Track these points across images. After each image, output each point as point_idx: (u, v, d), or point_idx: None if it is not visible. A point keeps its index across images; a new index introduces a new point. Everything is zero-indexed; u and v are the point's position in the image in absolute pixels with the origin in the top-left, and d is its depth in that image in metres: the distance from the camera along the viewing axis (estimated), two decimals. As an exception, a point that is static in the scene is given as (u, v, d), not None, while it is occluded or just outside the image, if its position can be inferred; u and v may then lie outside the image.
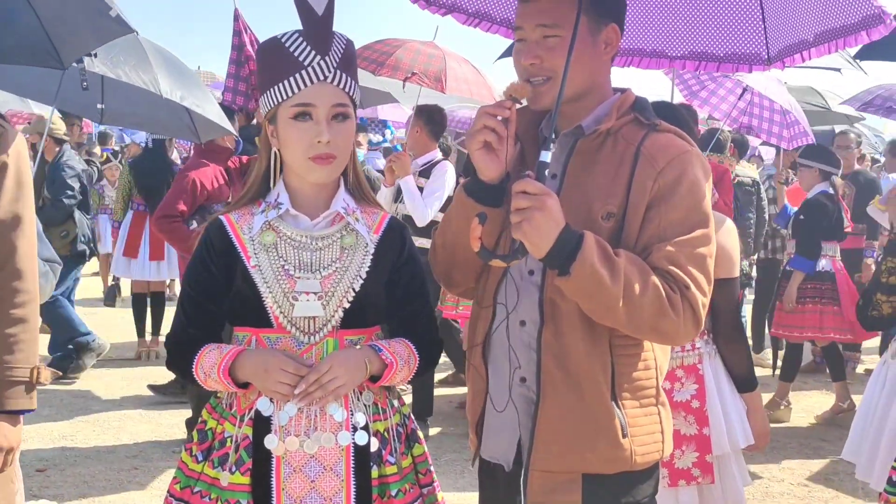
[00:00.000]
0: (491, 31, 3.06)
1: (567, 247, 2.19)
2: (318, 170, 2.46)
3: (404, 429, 2.64)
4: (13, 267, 2.70)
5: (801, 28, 2.79)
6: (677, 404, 3.76)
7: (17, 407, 2.71)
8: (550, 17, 2.40)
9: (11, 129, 2.76)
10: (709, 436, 3.77)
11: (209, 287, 2.56)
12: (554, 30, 2.40)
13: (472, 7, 3.00)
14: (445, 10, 2.98)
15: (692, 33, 2.99)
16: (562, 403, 2.39)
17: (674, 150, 2.38)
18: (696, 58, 3.02)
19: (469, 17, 3.01)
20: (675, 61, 3.08)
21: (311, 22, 2.43)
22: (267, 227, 2.54)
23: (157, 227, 6.29)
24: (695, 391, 3.79)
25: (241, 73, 6.41)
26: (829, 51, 2.75)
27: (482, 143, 2.32)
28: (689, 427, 3.75)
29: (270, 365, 2.39)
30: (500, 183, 2.38)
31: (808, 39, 2.78)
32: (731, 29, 2.94)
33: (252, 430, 2.47)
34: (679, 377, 3.79)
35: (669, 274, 2.28)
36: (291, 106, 2.44)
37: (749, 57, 2.98)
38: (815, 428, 7.39)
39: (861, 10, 2.56)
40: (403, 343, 2.59)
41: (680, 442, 3.73)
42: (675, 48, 3.04)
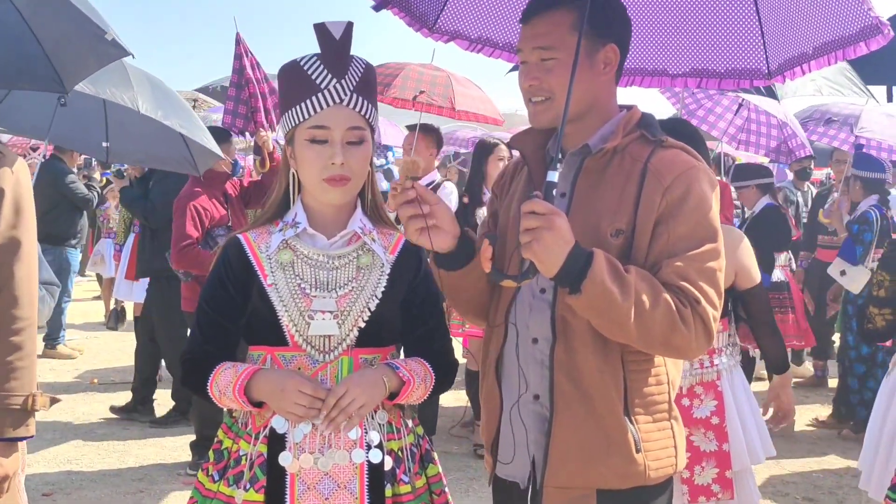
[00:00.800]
0: (493, 56, 3.11)
1: (577, 265, 2.20)
2: (331, 191, 2.49)
3: (419, 449, 2.65)
4: (10, 293, 2.67)
5: (800, 41, 2.81)
6: (697, 421, 3.78)
7: (10, 435, 2.65)
8: (546, 41, 2.45)
9: (10, 155, 2.75)
10: (728, 451, 3.79)
11: (226, 305, 2.57)
12: (550, 52, 2.44)
13: (475, 33, 3.06)
14: (448, 36, 3.04)
15: (692, 50, 3.01)
16: (575, 419, 2.41)
17: (680, 165, 2.41)
18: (698, 74, 3.05)
19: (472, 44, 3.08)
20: (677, 79, 3.11)
21: (329, 46, 2.47)
22: (284, 245, 2.56)
23: (178, 261, 6.17)
24: (714, 407, 3.82)
25: (241, 96, 6.45)
26: (829, 62, 2.77)
27: (417, 231, 2.38)
28: (709, 443, 3.77)
29: (287, 386, 2.40)
30: (459, 247, 2.45)
31: (807, 52, 2.80)
32: (730, 44, 2.96)
33: (267, 448, 2.48)
34: (698, 394, 3.81)
35: (680, 289, 2.29)
36: (307, 128, 2.47)
37: (750, 72, 3.00)
38: (819, 442, 7.38)
39: (859, 21, 2.59)
40: (420, 361, 2.61)
41: (700, 458, 3.74)
42: (676, 66, 3.07)
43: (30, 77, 4.48)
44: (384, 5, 2.88)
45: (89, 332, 10.96)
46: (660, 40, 3.04)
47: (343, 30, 2.47)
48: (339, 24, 2.47)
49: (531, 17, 2.49)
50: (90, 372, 9.18)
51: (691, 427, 3.76)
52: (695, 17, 2.95)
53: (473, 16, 3.04)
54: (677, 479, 3.71)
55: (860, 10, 2.52)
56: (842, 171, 8.91)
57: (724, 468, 3.79)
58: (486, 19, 3.05)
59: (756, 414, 4.03)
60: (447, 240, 2.43)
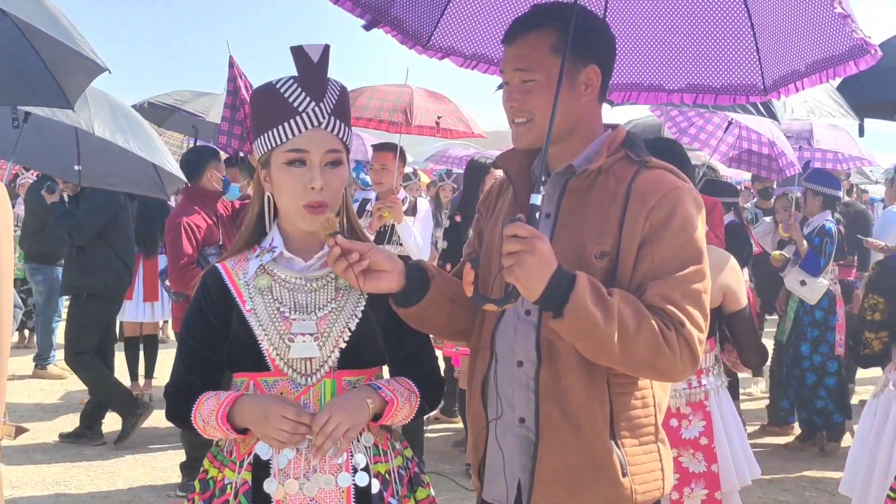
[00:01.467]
0: (488, 72, 3.13)
1: (559, 289, 2.19)
2: (309, 219, 2.46)
3: (407, 471, 2.62)
4: None
5: (794, 58, 2.82)
6: (686, 442, 3.76)
7: None
8: (525, 63, 2.45)
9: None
10: (717, 473, 3.77)
11: (207, 335, 2.55)
12: (529, 74, 2.44)
13: (469, 50, 3.07)
14: (443, 53, 3.05)
15: (689, 66, 3.02)
16: (561, 443, 2.39)
17: (664, 186, 2.39)
18: (693, 90, 3.05)
19: (466, 60, 3.09)
20: (673, 94, 3.11)
21: (307, 68, 2.45)
22: (261, 270, 2.54)
23: (177, 281, 6.10)
24: (703, 428, 3.80)
25: (237, 117, 6.44)
26: (821, 80, 2.78)
27: (360, 276, 2.43)
28: (698, 464, 3.75)
29: (271, 412, 2.37)
30: (410, 283, 2.48)
31: (800, 69, 2.81)
32: (726, 60, 2.97)
33: (251, 475, 2.45)
34: (686, 414, 3.79)
35: (664, 311, 2.28)
36: (285, 151, 2.45)
37: (745, 88, 3.00)
38: (813, 460, 7.36)
39: (846, 42, 2.59)
40: (404, 381, 2.58)
41: (689, 480, 3.73)
42: (672, 81, 3.07)
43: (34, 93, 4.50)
44: (375, 24, 2.87)
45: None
46: (656, 56, 3.05)
47: (321, 53, 2.45)
48: (317, 46, 2.45)
49: (513, 38, 2.49)
50: (80, 392, 9.10)
51: (680, 448, 3.75)
52: (690, 33, 2.95)
53: (467, 32, 3.05)
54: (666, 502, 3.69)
55: (845, 31, 2.52)
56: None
57: (713, 489, 3.77)
58: (481, 36, 3.06)
59: (742, 434, 4.01)
60: (392, 279, 2.47)
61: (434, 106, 8.22)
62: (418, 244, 6.45)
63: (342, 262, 2.41)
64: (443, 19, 3.00)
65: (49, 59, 4.28)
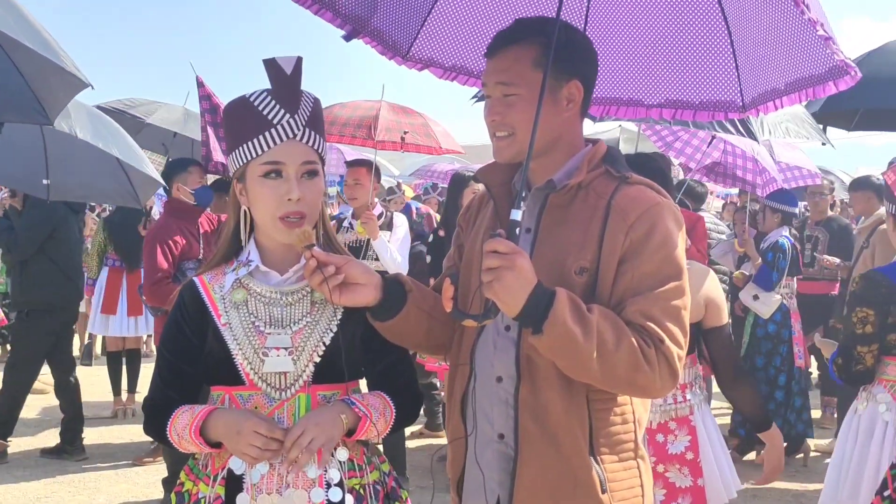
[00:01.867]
0: (468, 84, 3.12)
1: (539, 305, 2.18)
2: (286, 232, 2.45)
3: (383, 486, 2.60)
4: None
5: (773, 76, 2.81)
6: (672, 457, 3.76)
7: None
8: (507, 76, 2.44)
9: None
10: (703, 487, 3.76)
11: (184, 349, 2.54)
12: (511, 88, 2.43)
13: (449, 61, 3.06)
14: (422, 65, 3.04)
15: (668, 81, 3.01)
16: (540, 459, 2.38)
17: (644, 202, 2.38)
18: (672, 105, 3.05)
19: (446, 72, 3.08)
20: (652, 109, 3.10)
21: (280, 81, 2.44)
22: (237, 285, 2.53)
23: (151, 296, 6.06)
24: (688, 443, 3.79)
25: (220, 134, 6.42)
26: (800, 99, 2.79)
27: (336, 290, 2.42)
28: (684, 479, 3.74)
29: (243, 427, 2.36)
30: (387, 296, 2.47)
31: (779, 88, 2.81)
32: (706, 77, 2.96)
33: (224, 490, 2.44)
34: (672, 429, 3.78)
35: (644, 328, 2.27)
36: (261, 164, 2.44)
37: (724, 104, 3.00)
38: (797, 475, 7.36)
39: (826, 63, 2.60)
40: (379, 395, 2.56)
41: (675, 495, 3.72)
42: (652, 96, 3.07)
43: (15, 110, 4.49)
44: (355, 35, 2.86)
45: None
46: (635, 71, 3.05)
47: (294, 65, 2.44)
48: (290, 59, 2.44)
49: (496, 51, 2.48)
50: (62, 406, 9.09)
51: (666, 464, 3.74)
52: (670, 49, 2.95)
53: (447, 44, 3.04)
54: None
55: (826, 52, 2.52)
56: (817, 203, 8.98)
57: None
58: (460, 47, 3.05)
59: (724, 447, 4.00)
60: (368, 292, 2.45)
61: (403, 120, 8.23)
62: (395, 260, 6.43)
63: (318, 274, 2.40)
64: (423, 31, 2.99)
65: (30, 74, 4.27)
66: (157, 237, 6.08)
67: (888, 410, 4.01)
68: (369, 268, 2.50)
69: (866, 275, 3.92)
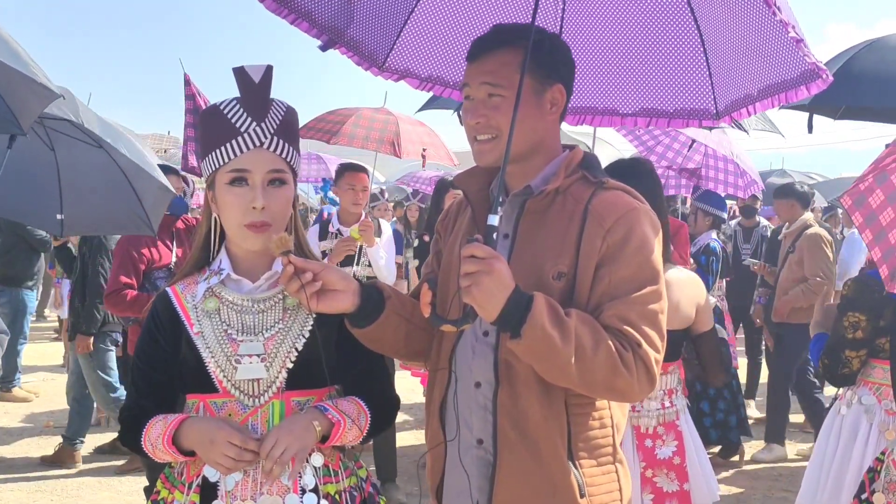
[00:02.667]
0: (444, 94, 3.12)
1: (517, 310, 2.19)
2: (251, 237, 2.46)
3: (360, 492, 2.60)
4: None
5: (746, 83, 2.83)
6: (660, 462, 3.78)
7: None
8: (494, 77, 2.43)
9: None
10: (689, 491, 3.79)
11: (158, 359, 2.55)
12: (498, 89, 2.43)
13: (425, 72, 3.06)
14: (399, 75, 3.04)
15: (642, 90, 3.03)
16: (519, 464, 2.38)
17: (621, 207, 2.39)
18: (647, 114, 3.06)
19: (422, 82, 3.08)
20: (627, 118, 3.11)
21: (249, 89, 2.45)
22: (210, 293, 2.54)
23: (108, 306, 6.21)
24: (675, 448, 3.82)
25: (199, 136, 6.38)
26: (773, 104, 2.80)
27: (314, 296, 2.39)
28: (671, 484, 3.76)
29: (217, 437, 2.36)
30: (364, 302, 2.44)
31: (752, 94, 2.82)
32: (679, 85, 2.98)
33: (199, 497, 2.44)
34: (660, 434, 3.81)
35: (621, 332, 2.27)
36: (227, 172, 2.45)
37: (698, 112, 3.01)
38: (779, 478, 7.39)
39: (798, 67, 2.61)
40: (353, 401, 2.57)
41: (662, 499, 3.74)
42: (626, 105, 3.08)
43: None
44: (332, 45, 2.86)
45: (46, 374, 10.84)
46: (610, 80, 3.06)
47: (262, 73, 2.45)
48: (259, 67, 2.45)
49: (480, 54, 2.48)
50: (45, 414, 9.06)
51: (655, 469, 3.76)
52: (644, 58, 2.96)
53: (423, 54, 3.04)
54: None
55: (798, 56, 2.54)
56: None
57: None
58: (436, 58, 3.06)
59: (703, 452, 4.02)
60: (346, 299, 2.43)
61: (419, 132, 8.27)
62: (390, 269, 6.43)
63: (295, 281, 2.39)
64: (399, 41, 2.99)
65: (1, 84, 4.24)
66: (127, 246, 6.10)
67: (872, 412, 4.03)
68: (346, 274, 2.50)
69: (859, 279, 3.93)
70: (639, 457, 3.76)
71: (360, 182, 6.66)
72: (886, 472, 3.12)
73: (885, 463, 3.16)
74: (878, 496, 3.11)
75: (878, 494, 3.12)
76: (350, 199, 6.66)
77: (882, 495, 3.10)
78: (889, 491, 3.08)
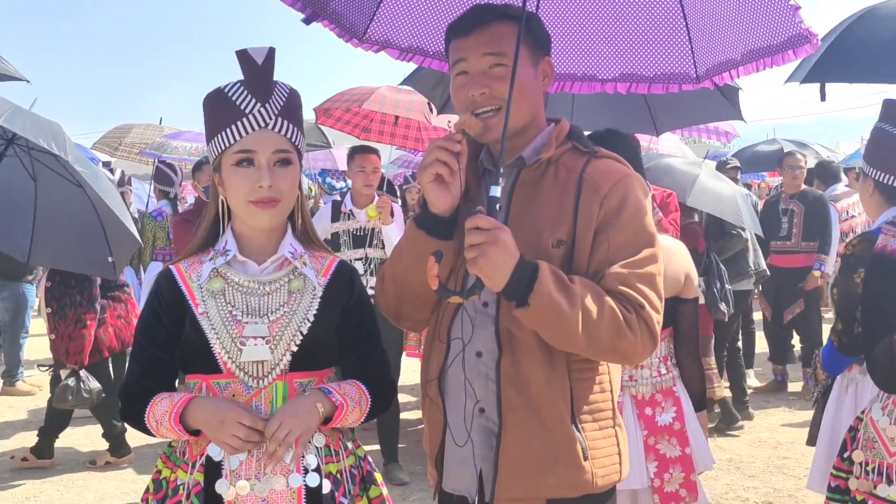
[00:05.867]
0: (424, 64, 3.12)
1: (524, 279, 2.22)
2: (259, 214, 2.48)
3: (359, 471, 2.64)
4: None
5: (728, 47, 2.85)
6: (661, 428, 3.81)
7: None
8: (497, 47, 2.45)
9: None
10: (691, 455, 3.82)
11: (161, 337, 2.57)
12: (501, 58, 2.44)
13: (405, 42, 3.07)
14: (379, 46, 3.05)
15: (621, 55, 3.05)
16: (523, 431, 2.41)
17: (615, 174, 2.43)
18: (627, 79, 3.08)
19: (402, 53, 3.09)
20: (607, 84, 3.13)
21: (252, 71, 2.48)
22: (215, 273, 2.56)
23: None
24: (675, 413, 3.85)
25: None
26: (757, 69, 2.81)
27: (434, 175, 2.33)
28: (673, 449, 3.79)
29: (227, 417, 2.39)
30: (450, 216, 2.39)
31: (735, 58, 2.84)
32: (658, 50, 3.00)
33: (203, 476, 2.47)
34: (659, 401, 3.83)
35: (623, 295, 2.32)
36: (233, 153, 2.47)
37: (678, 76, 3.04)
38: (779, 447, 7.43)
39: (787, 31, 2.62)
40: (354, 384, 2.60)
41: (667, 465, 3.77)
42: (606, 71, 3.10)
43: None
44: (314, 18, 2.88)
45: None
46: (589, 46, 3.08)
47: (265, 55, 2.47)
48: (262, 49, 2.48)
49: (473, 28, 2.48)
50: (49, 408, 9.09)
51: (657, 436, 3.79)
52: (623, 23, 2.99)
53: (403, 25, 3.06)
54: (648, 490, 3.74)
55: (790, 21, 2.55)
56: (795, 176, 9.05)
57: (688, 472, 3.81)
58: (417, 28, 3.07)
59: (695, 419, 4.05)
60: (450, 201, 2.36)
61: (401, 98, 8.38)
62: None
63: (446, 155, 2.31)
64: (379, 12, 3.00)
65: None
66: (183, 220, 6.29)
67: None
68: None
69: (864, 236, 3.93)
70: (640, 425, 3.79)
71: (370, 164, 6.71)
72: (864, 430, 3.16)
73: (864, 421, 3.20)
74: (856, 453, 3.15)
75: (857, 452, 3.16)
76: (361, 180, 6.70)
77: (860, 452, 3.14)
78: (866, 448, 3.12)
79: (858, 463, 3.15)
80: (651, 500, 3.75)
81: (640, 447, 3.76)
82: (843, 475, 3.26)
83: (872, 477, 3.08)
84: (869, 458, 3.11)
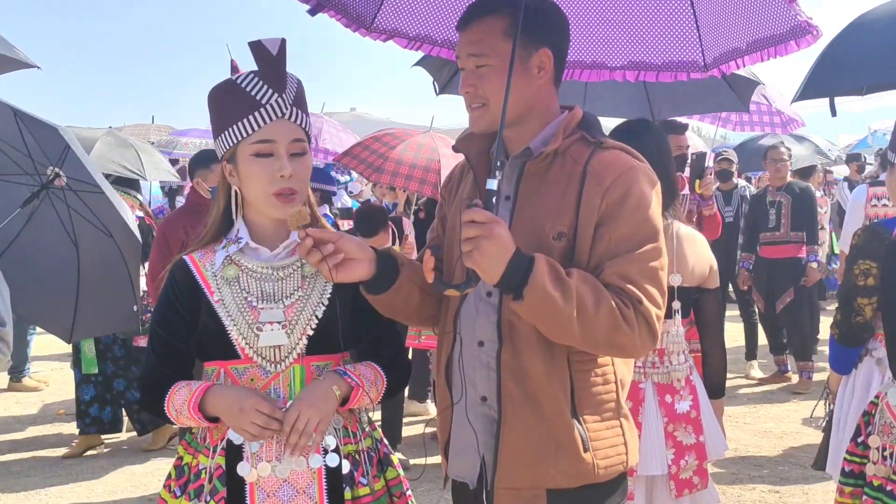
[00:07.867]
0: (433, 53, 3.13)
1: (518, 272, 2.24)
2: (280, 207, 2.51)
3: (376, 452, 2.68)
4: None
5: (734, 37, 2.87)
6: (680, 416, 3.83)
7: None
8: (478, 48, 2.48)
9: None
10: (704, 443, 3.85)
11: (177, 326, 2.60)
12: (483, 59, 2.48)
13: (413, 31, 3.08)
14: (387, 35, 3.05)
15: (630, 43, 3.06)
16: (523, 421, 2.44)
17: (619, 166, 2.42)
18: (635, 67, 3.10)
19: (410, 42, 3.10)
20: (616, 72, 3.14)
21: (267, 62, 2.50)
22: (228, 261, 2.59)
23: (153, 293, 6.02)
24: (691, 401, 3.87)
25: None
26: (762, 59, 2.83)
27: (335, 268, 2.46)
28: (689, 437, 3.82)
29: (246, 405, 2.43)
30: (381, 271, 2.52)
31: (741, 48, 2.86)
32: (667, 37, 3.01)
33: (224, 460, 2.51)
34: (678, 389, 3.86)
35: (622, 289, 2.32)
36: (252, 143, 2.50)
37: (686, 64, 3.05)
38: (784, 436, 7.47)
39: (788, 22, 2.64)
40: (370, 366, 2.63)
41: (683, 452, 3.79)
42: (615, 59, 3.11)
43: None
44: (320, 9, 2.87)
45: (55, 364, 10.89)
46: (597, 34, 3.09)
47: (279, 46, 2.50)
48: (274, 40, 2.50)
49: (467, 23, 2.52)
50: (57, 403, 9.11)
51: (675, 423, 3.81)
52: (632, 11, 2.99)
53: (411, 14, 3.06)
54: (665, 477, 3.77)
55: (787, 12, 2.57)
56: (778, 168, 9.12)
57: (701, 459, 3.84)
58: (424, 16, 3.07)
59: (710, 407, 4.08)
60: (364, 267, 2.51)
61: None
62: None
63: (315, 253, 2.45)
64: (386, 1, 3.01)
65: None
66: (164, 233, 6.10)
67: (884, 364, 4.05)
68: (363, 242, 2.55)
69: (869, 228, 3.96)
70: (661, 412, 3.81)
71: None
72: (881, 416, 3.18)
73: (880, 406, 3.22)
74: (873, 438, 3.17)
75: (873, 437, 3.17)
76: None
77: (877, 437, 3.15)
78: (883, 433, 3.14)
79: (875, 448, 3.17)
80: (668, 486, 3.78)
81: (661, 434, 3.78)
82: (857, 460, 3.29)
83: (890, 462, 3.11)
84: (886, 443, 3.13)
